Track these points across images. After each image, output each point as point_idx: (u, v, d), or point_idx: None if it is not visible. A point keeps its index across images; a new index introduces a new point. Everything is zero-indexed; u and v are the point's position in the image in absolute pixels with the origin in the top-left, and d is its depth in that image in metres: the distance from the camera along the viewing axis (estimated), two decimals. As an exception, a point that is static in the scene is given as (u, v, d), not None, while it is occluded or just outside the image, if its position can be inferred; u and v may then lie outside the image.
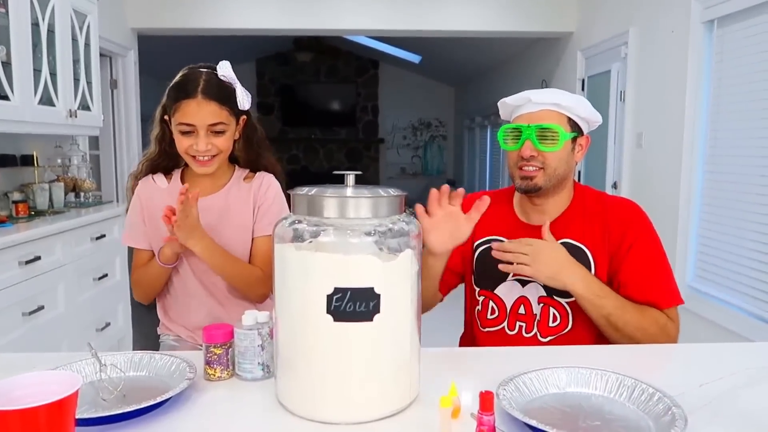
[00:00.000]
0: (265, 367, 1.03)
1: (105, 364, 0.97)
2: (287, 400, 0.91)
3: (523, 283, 1.36)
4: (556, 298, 1.33)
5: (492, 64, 6.80)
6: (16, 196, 2.73)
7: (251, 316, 1.04)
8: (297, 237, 0.90)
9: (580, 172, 4.39)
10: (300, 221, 0.91)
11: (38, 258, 2.31)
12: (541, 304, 1.35)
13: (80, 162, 3.39)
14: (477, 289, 1.42)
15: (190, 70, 1.38)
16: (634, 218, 1.35)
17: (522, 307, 1.36)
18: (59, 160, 3.26)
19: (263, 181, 1.47)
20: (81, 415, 0.81)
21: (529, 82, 5.55)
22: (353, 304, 0.84)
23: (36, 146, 3.07)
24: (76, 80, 3.05)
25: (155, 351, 1.10)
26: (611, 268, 1.33)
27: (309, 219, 0.90)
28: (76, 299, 2.64)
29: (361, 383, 0.88)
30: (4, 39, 2.42)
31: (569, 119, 1.33)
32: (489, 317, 1.39)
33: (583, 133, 1.37)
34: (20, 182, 2.94)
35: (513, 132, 1.34)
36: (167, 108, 1.38)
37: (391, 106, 9.17)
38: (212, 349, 1.02)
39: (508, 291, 1.37)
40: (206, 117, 1.32)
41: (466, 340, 1.51)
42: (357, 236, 0.89)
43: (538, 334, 1.35)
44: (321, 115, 9.12)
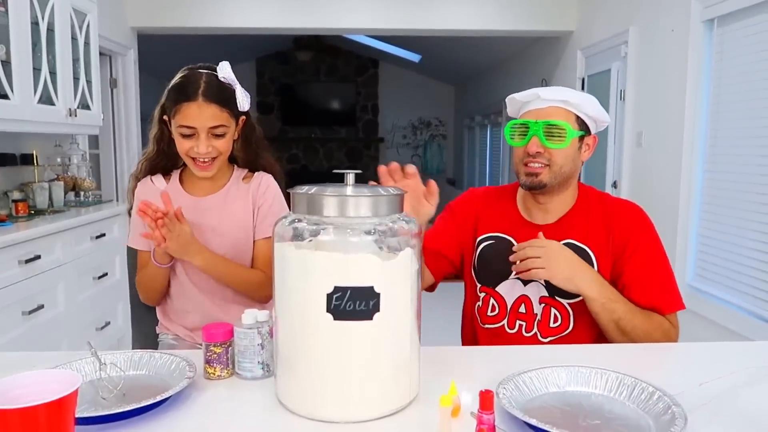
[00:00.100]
0: (264, 366, 1.03)
1: (105, 363, 0.97)
2: (287, 399, 0.91)
3: (525, 282, 1.35)
4: (558, 298, 1.33)
5: (492, 64, 6.80)
6: (16, 195, 2.73)
7: (251, 315, 1.04)
8: (297, 236, 0.90)
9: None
10: (300, 220, 0.90)
11: (38, 257, 2.31)
12: (543, 305, 1.34)
13: (80, 161, 3.39)
14: (478, 285, 1.41)
15: (190, 71, 1.37)
16: (639, 222, 1.34)
17: (523, 306, 1.36)
18: (59, 159, 3.26)
19: (262, 182, 1.47)
20: (81, 414, 0.81)
21: (529, 81, 5.54)
22: (353, 303, 0.84)
23: (36, 145, 3.07)
24: (75, 79, 3.05)
25: (155, 350, 1.10)
26: (614, 271, 1.32)
27: (309, 218, 0.90)
28: (75, 298, 2.63)
29: (361, 382, 0.88)
30: (4, 38, 2.42)
31: (577, 117, 1.31)
32: (489, 314, 1.39)
33: (591, 133, 1.36)
34: (20, 181, 2.95)
35: (520, 128, 1.33)
36: (167, 109, 1.37)
37: (391, 105, 9.16)
38: (212, 348, 1.02)
39: (510, 289, 1.37)
40: (207, 120, 1.32)
41: (466, 335, 1.50)
42: (357, 235, 0.89)
43: (538, 333, 1.34)
44: (321, 114, 9.11)
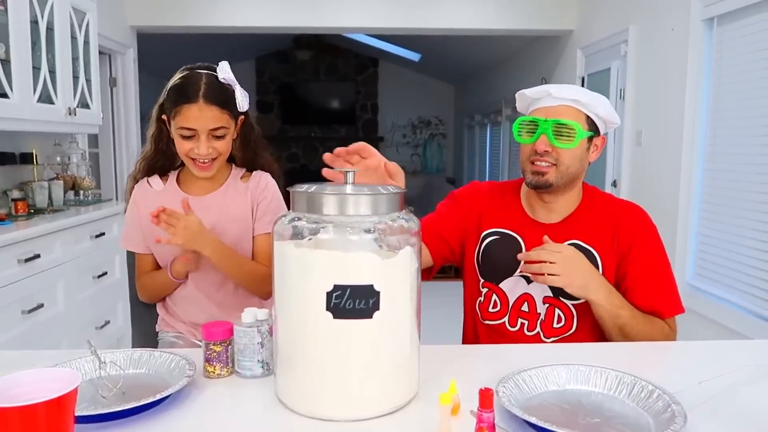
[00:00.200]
0: (264, 364, 1.03)
1: (104, 362, 0.97)
2: (287, 398, 0.91)
3: (529, 280, 1.34)
4: (562, 299, 1.32)
5: (492, 63, 6.79)
6: (16, 194, 2.72)
7: (251, 314, 1.04)
8: (296, 234, 0.90)
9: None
10: (299, 218, 0.90)
11: (37, 256, 2.31)
12: (547, 305, 1.33)
13: (79, 160, 3.39)
14: (481, 281, 1.40)
15: (190, 71, 1.37)
16: (644, 225, 1.34)
17: (525, 304, 1.35)
18: (58, 158, 3.26)
19: (260, 180, 1.48)
20: (80, 413, 0.81)
21: (528, 80, 5.54)
22: (353, 302, 0.84)
23: (35, 144, 3.07)
24: (75, 78, 3.05)
25: (154, 348, 1.10)
26: (618, 273, 1.32)
27: (308, 216, 0.90)
28: (75, 297, 2.63)
29: (361, 380, 0.88)
30: (3, 37, 2.42)
31: (587, 117, 1.30)
32: (491, 310, 1.38)
33: (600, 133, 1.34)
34: (19, 180, 2.94)
35: (529, 125, 1.31)
36: (166, 109, 1.37)
37: (391, 104, 9.15)
38: (212, 347, 1.02)
39: (513, 286, 1.36)
40: (208, 122, 1.32)
41: (468, 331, 1.48)
42: (356, 233, 0.89)
43: (541, 333, 1.34)
44: (320, 113, 9.11)
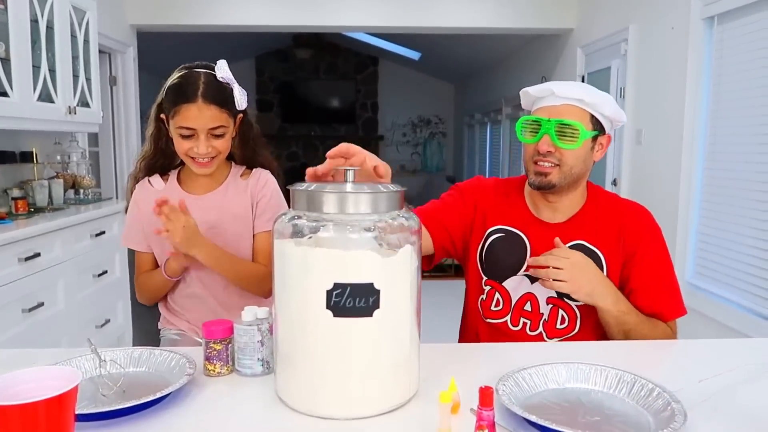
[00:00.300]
0: (264, 362, 1.03)
1: (105, 360, 0.97)
2: (287, 396, 0.92)
3: (533, 280, 1.33)
4: (566, 300, 1.32)
5: (492, 61, 6.79)
6: (16, 192, 2.72)
7: (251, 312, 1.04)
8: (296, 233, 0.90)
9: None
10: (299, 217, 0.90)
11: (38, 255, 2.31)
12: (550, 305, 1.33)
13: (79, 159, 3.38)
14: (484, 278, 1.38)
15: (188, 70, 1.37)
16: (649, 227, 1.33)
17: (528, 303, 1.34)
18: (58, 157, 3.25)
19: (260, 178, 1.48)
20: (81, 411, 0.81)
21: (528, 79, 5.54)
22: (353, 300, 0.84)
23: (35, 143, 3.07)
24: (75, 77, 3.05)
25: (155, 347, 1.10)
26: (622, 275, 1.32)
27: (308, 215, 0.90)
28: (75, 296, 2.63)
29: (361, 379, 0.88)
30: (3, 35, 2.42)
31: (592, 116, 1.28)
32: (493, 308, 1.37)
33: (605, 132, 1.32)
34: (19, 179, 2.94)
35: (532, 125, 1.29)
36: (165, 109, 1.37)
37: (391, 103, 9.15)
38: (212, 345, 1.02)
39: (517, 285, 1.35)
40: (207, 121, 1.33)
41: (467, 330, 1.47)
42: (357, 232, 0.89)
43: (544, 334, 1.33)
44: (320, 112, 9.10)
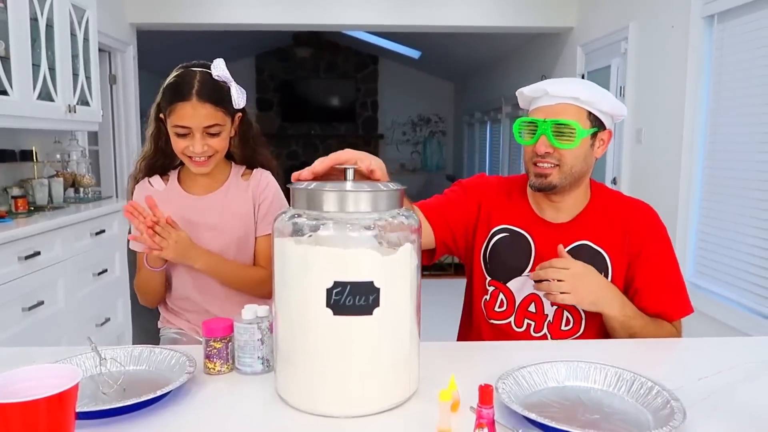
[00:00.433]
0: (264, 361, 1.03)
1: (105, 358, 0.97)
2: (287, 394, 0.92)
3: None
4: None
5: (492, 60, 6.78)
6: (16, 191, 2.72)
7: (251, 311, 1.04)
8: (296, 231, 0.90)
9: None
10: (299, 215, 0.91)
11: (38, 253, 2.31)
12: (555, 307, 1.31)
13: (79, 157, 3.38)
14: (488, 278, 1.37)
15: (185, 69, 1.37)
16: (654, 225, 1.32)
17: (533, 305, 1.33)
18: (58, 156, 3.25)
19: (261, 179, 1.48)
20: (81, 409, 0.81)
21: (528, 77, 5.54)
22: (353, 298, 0.84)
23: (35, 141, 3.06)
24: (75, 75, 3.05)
25: (155, 345, 1.10)
26: (627, 275, 1.31)
27: (308, 213, 0.90)
28: (75, 294, 2.63)
29: (361, 377, 0.88)
30: (3, 34, 2.41)
31: (589, 113, 1.26)
32: (497, 309, 1.36)
33: (605, 128, 1.30)
34: (19, 177, 2.94)
35: (529, 126, 1.28)
36: (162, 108, 1.37)
37: (391, 101, 9.15)
38: (212, 343, 1.02)
39: (521, 286, 1.34)
40: (201, 120, 1.33)
41: (468, 330, 1.45)
42: (356, 230, 0.89)
43: (548, 335, 1.32)
44: (320, 110, 9.10)
